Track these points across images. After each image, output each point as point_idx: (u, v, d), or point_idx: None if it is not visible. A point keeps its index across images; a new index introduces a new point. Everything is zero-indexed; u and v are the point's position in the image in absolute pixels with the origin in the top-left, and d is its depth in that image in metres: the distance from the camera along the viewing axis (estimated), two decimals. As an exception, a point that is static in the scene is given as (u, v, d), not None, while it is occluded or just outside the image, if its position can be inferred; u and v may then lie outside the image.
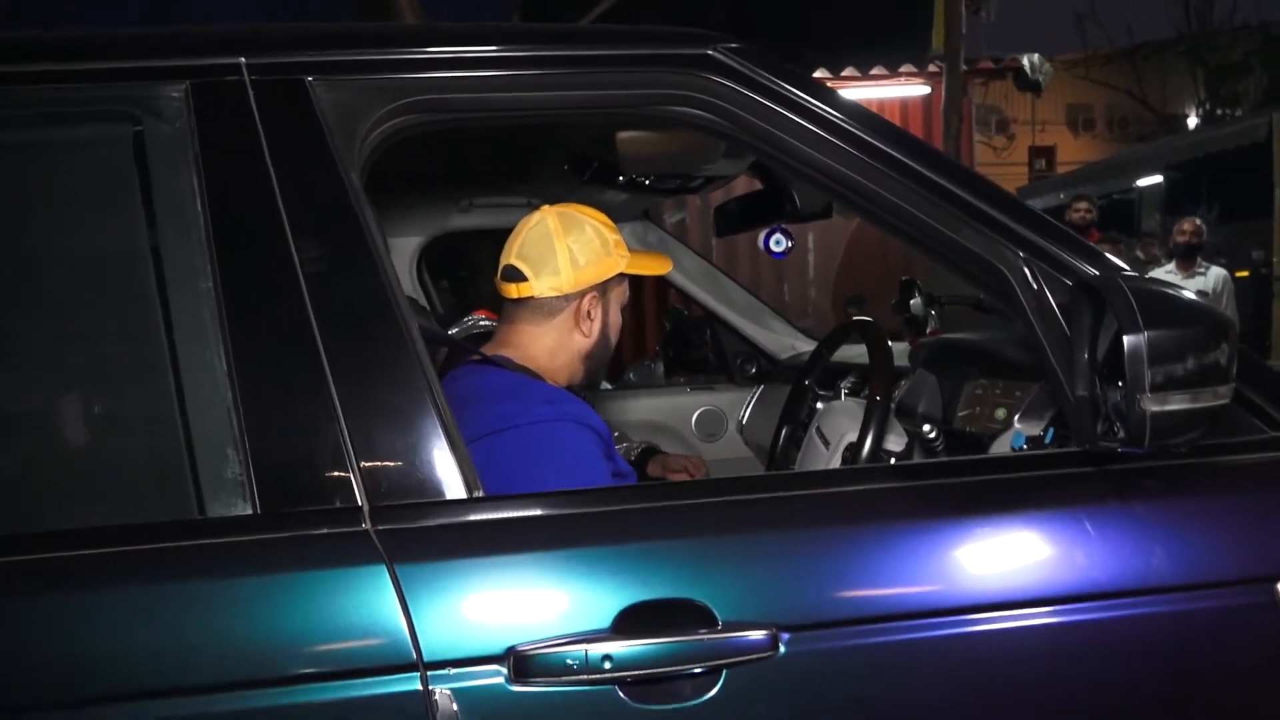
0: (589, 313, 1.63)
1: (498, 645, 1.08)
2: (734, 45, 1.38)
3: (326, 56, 1.28)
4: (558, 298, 1.61)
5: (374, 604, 1.07)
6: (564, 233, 1.60)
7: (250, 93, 1.23)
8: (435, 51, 1.31)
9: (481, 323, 2.20)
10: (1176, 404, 1.14)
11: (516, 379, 1.57)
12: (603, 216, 1.66)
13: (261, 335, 1.16)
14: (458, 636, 1.08)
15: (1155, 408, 1.13)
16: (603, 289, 1.64)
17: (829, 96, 1.38)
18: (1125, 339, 1.13)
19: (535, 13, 8.42)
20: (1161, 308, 1.15)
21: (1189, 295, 1.21)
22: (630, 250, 1.67)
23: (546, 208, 1.65)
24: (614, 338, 1.69)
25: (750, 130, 1.37)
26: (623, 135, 1.77)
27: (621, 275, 1.67)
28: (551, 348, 1.63)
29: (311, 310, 1.17)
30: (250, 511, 1.11)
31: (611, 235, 1.64)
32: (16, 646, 1.02)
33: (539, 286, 1.60)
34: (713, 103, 1.36)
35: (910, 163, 1.35)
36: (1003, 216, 1.34)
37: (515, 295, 1.62)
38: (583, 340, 1.64)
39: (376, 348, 1.18)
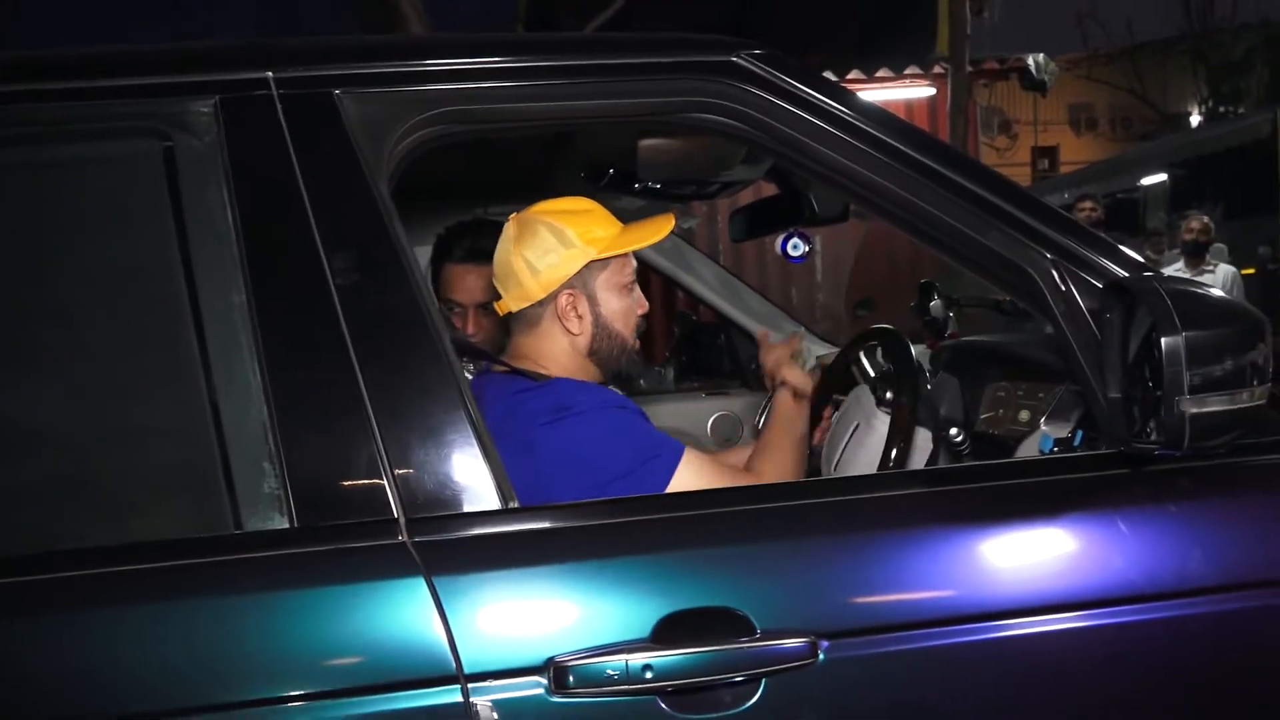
0: (573, 310, 1.56)
1: (537, 656, 1.08)
2: (758, 51, 1.37)
3: (354, 69, 1.28)
4: (531, 306, 1.57)
5: (413, 616, 1.07)
6: (517, 242, 1.55)
7: (278, 106, 1.23)
8: (462, 62, 1.31)
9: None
10: (1215, 405, 1.13)
11: (538, 381, 1.53)
12: (566, 205, 1.57)
13: (295, 348, 1.16)
14: (497, 647, 1.08)
15: (1194, 409, 1.12)
16: (581, 282, 1.56)
17: (853, 101, 1.38)
18: (1163, 340, 1.13)
19: (538, 20, 8.43)
20: (1197, 308, 1.14)
21: (1221, 294, 1.20)
22: (626, 226, 1.58)
23: (513, 216, 1.59)
24: (621, 326, 1.59)
25: (775, 136, 1.36)
26: (641, 143, 1.76)
27: (603, 261, 1.56)
28: (553, 353, 1.58)
29: (344, 322, 1.17)
30: (287, 525, 1.11)
31: (572, 227, 1.53)
32: (52, 663, 1.02)
33: (510, 302, 1.59)
34: (738, 109, 1.35)
35: (935, 166, 1.34)
36: (1029, 219, 1.33)
37: (500, 313, 1.63)
38: (577, 339, 1.58)
39: (410, 358, 1.18)
